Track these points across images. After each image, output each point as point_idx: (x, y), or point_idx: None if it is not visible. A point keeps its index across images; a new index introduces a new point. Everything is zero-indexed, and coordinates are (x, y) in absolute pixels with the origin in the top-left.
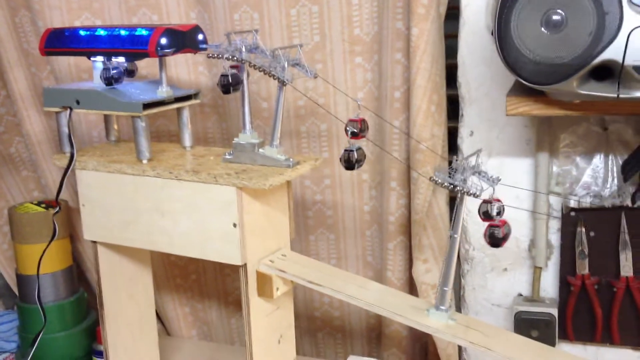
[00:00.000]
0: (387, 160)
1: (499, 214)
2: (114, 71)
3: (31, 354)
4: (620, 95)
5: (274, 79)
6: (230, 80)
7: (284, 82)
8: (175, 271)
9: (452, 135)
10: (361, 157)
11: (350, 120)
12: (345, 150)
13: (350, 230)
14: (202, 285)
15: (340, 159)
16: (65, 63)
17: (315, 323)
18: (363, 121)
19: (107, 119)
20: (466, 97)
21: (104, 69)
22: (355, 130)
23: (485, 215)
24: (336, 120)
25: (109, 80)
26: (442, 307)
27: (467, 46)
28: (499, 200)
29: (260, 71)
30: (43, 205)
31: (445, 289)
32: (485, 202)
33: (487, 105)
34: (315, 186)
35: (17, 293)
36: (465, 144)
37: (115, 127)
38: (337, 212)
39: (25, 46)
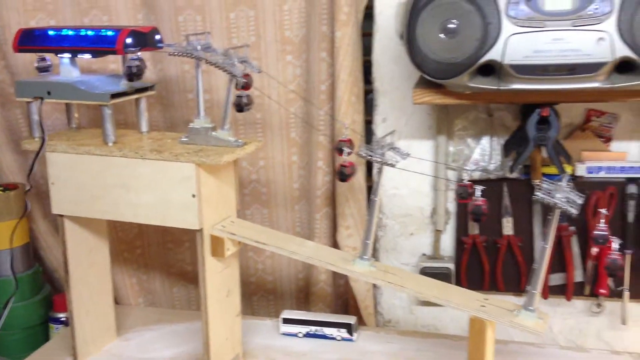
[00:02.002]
0: (315, 144)
1: (349, 154)
2: (136, 68)
3: (3, 320)
4: (500, 87)
5: (227, 74)
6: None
7: (235, 75)
8: (123, 246)
9: (368, 122)
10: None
11: (340, 141)
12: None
13: (281, 205)
14: (147, 258)
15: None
16: (20, 59)
17: (251, 287)
18: (351, 141)
19: (69, 108)
20: (380, 89)
21: (127, 66)
22: (345, 149)
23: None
24: (269, 109)
25: (131, 77)
26: (365, 257)
27: (381, 47)
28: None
29: (215, 67)
30: (1, 188)
31: (367, 242)
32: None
33: (397, 96)
34: (251, 167)
35: None
36: (380, 129)
37: (76, 115)
38: (270, 190)
39: None
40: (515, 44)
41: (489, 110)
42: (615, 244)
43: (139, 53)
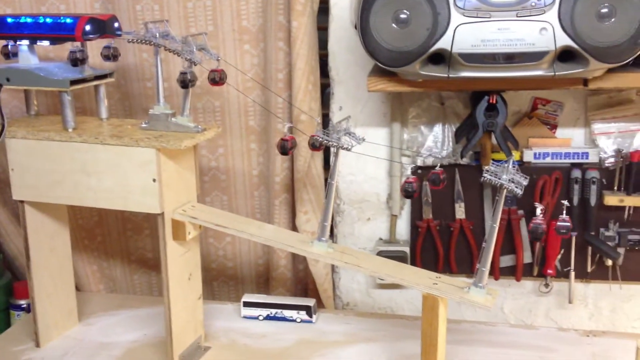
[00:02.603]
0: (273, 131)
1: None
2: (80, 54)
3: None
4: (450, 75)
5: (186, 60)
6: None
7: (194, 63)
8: (83, 234)
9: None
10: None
11: (312, 136)
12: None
13: (240, 192)
14: (107, 245)
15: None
16: None
17: (212, 273)
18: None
19: (27, 95)
20: (336, 79)
21: (70, 51)
22: (316, 144)
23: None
24: (228, 97)
25: (75, 62)
26: (323, 239)
27: (336, 37)
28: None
29: (173, 53)
30: None
31: (325, 224)
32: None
33: (352, 85)
34: (211, 155)
35: None
36: (336, 116)
37: (35, 102)
38: (229, 177)
39: None
40: (463, 34)
41: (441, 98)
42: (539, 209)
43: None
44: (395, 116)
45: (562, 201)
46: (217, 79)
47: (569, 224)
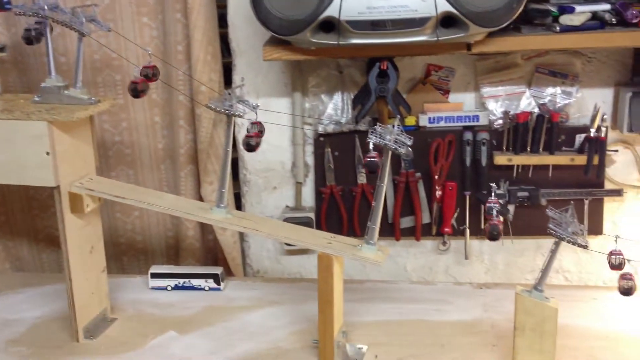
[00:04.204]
0: (175, 103)
1: (254, 127)
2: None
3: None
4: (340, 43)
5: (75, 32)
6: (34, 34)
7: (83, 34)
8: None
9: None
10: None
11: (252, 123)
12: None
13: (147, 166)
14: (12, 225)
15: (243, 144)
16: None
17: (121, 248)
18: (261, 123)
19: None
20: (236, 50)
21: (25, 29)
22: (253, 144)
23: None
24: (128, 71)
25: (30, 40)
26: (222, 205)
27: (235, 9)
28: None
29: (62, 25)
30: None
31: (223, 190)
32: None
33: (253, 56)
34: (114, 129)
35: None
36: (240, 89)
37: None
38: (134, 151)
39: None
40: (349, 1)
41: (339, 67)
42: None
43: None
44: (295, 86)
45: (491, 184)
46: (150, 75)
47: (500, 226)
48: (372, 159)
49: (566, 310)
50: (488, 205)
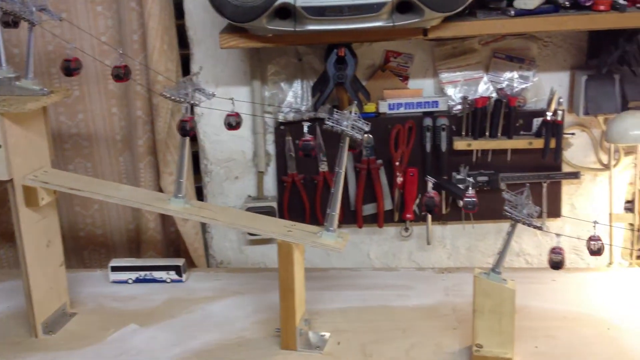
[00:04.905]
0: (132, 94)
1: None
2: None
3: None
4: (297, 29)
5: (25, 21)
6: None
7: (33, 23)
8: None
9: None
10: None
11: (228, 115)
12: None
13: (105, 158)
14: None
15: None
16: None
17: (81, 242)
18: (238, 115)
19: None
20: (194, 39)
21: None
22: (233, 123)
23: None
24: (85, 62)
25: None
26: (180, 195)
27: None
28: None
29: (11, 15)
30: None
31: (181, 180)
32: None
33: (211, 45)
34: (70, 121)
35: None
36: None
37: None
38: (92, 143)
39: None
40: None
41: (298, 54)
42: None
43: None
44: (255, 74)
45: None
46: (122, 75)
47: (474, 199)
48: (307, 142)
49: (526, 292)
50: (465, 200)
